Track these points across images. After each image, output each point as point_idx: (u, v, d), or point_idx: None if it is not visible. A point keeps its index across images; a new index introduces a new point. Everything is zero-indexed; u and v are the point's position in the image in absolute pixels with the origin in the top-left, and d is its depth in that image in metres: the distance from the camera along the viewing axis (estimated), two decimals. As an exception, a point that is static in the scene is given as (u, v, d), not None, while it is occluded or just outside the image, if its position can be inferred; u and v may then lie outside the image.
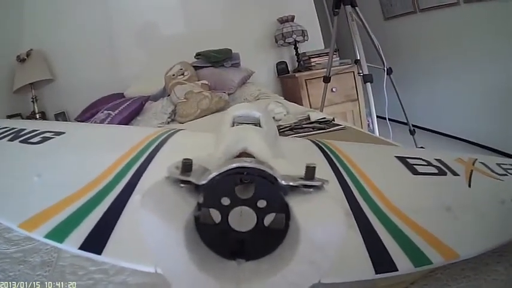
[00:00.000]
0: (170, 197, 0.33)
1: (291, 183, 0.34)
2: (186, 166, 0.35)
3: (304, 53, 3.71)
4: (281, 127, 1.61)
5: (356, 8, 2.70)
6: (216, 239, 0.33)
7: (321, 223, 0.31)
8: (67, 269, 0.57)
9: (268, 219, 0.34)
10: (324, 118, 1.68)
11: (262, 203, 0.33)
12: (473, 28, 3.33)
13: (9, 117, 3.03)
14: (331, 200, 0.34)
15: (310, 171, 0.35)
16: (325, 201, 0.34)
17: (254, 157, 0.52)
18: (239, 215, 0.33)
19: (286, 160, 0.52)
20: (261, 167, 0.34)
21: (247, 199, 0.33)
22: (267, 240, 0.33)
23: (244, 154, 0.53)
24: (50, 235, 0.47)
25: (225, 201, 0.33)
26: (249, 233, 0.33)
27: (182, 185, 0.34)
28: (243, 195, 0.33)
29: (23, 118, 3.14)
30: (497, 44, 3.11)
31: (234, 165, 0.34)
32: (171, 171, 0.35)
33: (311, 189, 0.35)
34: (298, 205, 0.33)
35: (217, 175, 0.33)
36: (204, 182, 0.33)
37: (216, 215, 0.34)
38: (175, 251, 0.30)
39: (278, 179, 0.34)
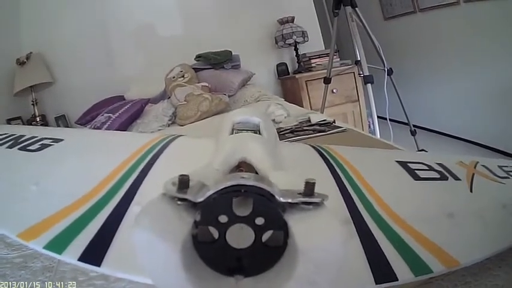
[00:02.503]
0: (167, 215, 0.32)
1: (290, 201, 0.34)
2: (183, 182, 0.34)
3: (305, 54, 3.71)
4: (281, 130, 1.61)
5: (356, 8, 2.70)
6: (214, 256, 0.32)
7: (320, 243, 0.31)
8: (68, 274, 0.57)
9: (266, 236, 0.33)
10: (325, 120, 1.68)
11: (260, 221, 0.33)
12: (474, 27, 3.33)
13: (10, 120, 3.04)
14: (331, 218, 0.33)
15: (309, 187, 0.35)
16: (325, 219, 0.33)
17: (253, 167, 0.52)
18: (237, 232, 0.32)
19: (286, 171, 0.52)
20: (259, 185, 0.33)
21: (245, 216, 0.33)
22: (265, 257, 0.32)
23: (243, 164, 0.53)
24: (49, 246, 0.46)
25: (223, 218, 0.33)
26: (247, 250, 0.32)
27: (179, 202, 0.34)
28: (241, 212, 0.33)
29: (23, 121, 3.15)
30: (498, 43, 3.11)
31: (231, 183, 0.33)
32: (168, 188, 0.34)
33: (310, 206, 0.34)
34: (296, 223, 0.33)
35: (214, 193, 0.33)
36: (201, 199, 0.33)
37: (213, 232, 0.33)
38: (172, 272, 0.30)
39: (276, 196, 0.33)
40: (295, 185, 0.37)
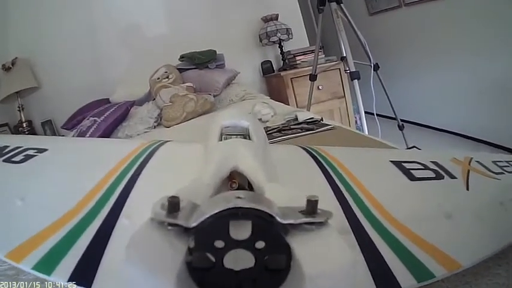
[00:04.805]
0: (157, 244, 0.30)
1: (292, 222, 0.32)
2: (173, 205, 0.32)
3: (289, 51, 3.71)
4: (269, 129, 1.59)
5: (341, 4, 2.69)
6: (212, 282, 0.30)
7: (328, 269, 0.29)
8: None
9: (268, 259, 0.30)
10: (312, 118, 1.66)
11: (260, 244, 0.30)
12: (460, 21, 3.35)
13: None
14: (336, 239, 0.32)
15: (311, 205, 0.33)
16: (331, 242, 0.32)
17: (245, 176, 0.51)
18: (235, 257, 0.30)
19: (282, 183, 0.50)
20: (258, 207, 0.31)
21: (244, 240, 0.30)
22: (267, 281, 0.30)
23: (234, 173, 0.51)
24: (38, 267, 0.44)
25: (219, 244, 0.30)
26: (248, 274, 0.30)
27: (169, 227, 0.32)
28: (239, 236, 0.30)
29: (10, 128, 3.14)
30: (484, 36, 3.14)
31: (227, 207, 0.30)
32: (156, 211, 0.32)
33: (313, 226, 0.33)
34: (300, 245, 0.31)
35: (208, 217, 0.30)
36: (194, 224, 0.31)
37: (210, 257, 0.30)
38: None
39: (277, 218, 0.31)
40: (293, 199, 0.35)
